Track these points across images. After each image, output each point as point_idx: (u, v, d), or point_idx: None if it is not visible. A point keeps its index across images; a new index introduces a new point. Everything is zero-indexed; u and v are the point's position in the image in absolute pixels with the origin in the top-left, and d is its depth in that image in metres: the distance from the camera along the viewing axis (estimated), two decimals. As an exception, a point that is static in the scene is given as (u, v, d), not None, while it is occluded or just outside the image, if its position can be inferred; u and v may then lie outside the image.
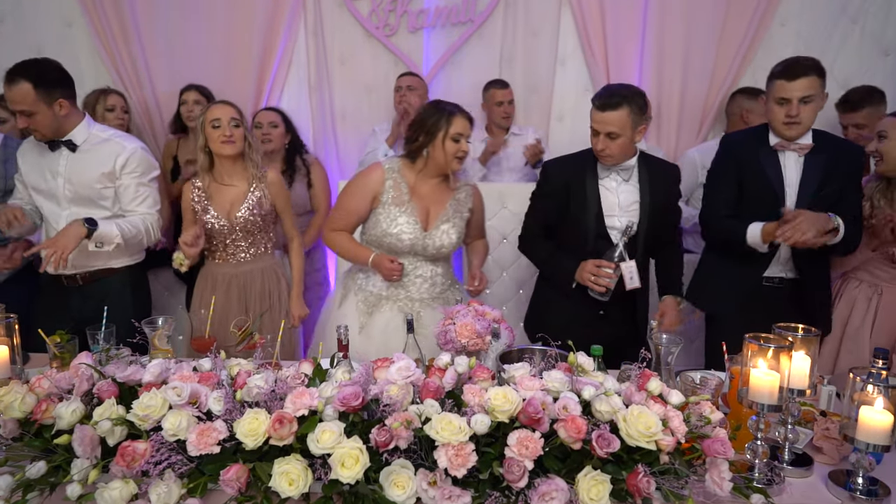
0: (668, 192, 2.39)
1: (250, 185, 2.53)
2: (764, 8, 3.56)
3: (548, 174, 2.46)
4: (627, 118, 2.18)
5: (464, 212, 2.38)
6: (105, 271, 2.54)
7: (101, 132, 2.50)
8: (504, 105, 3.60)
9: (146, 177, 2.51)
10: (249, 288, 2.59)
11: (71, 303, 2.52)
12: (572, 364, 1.52)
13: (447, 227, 2.32)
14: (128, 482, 1.29)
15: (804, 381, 1.54)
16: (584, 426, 1.29)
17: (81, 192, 2.45)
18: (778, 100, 2.25)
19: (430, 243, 2.30)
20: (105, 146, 2.45)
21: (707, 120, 3.72)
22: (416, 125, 2.28)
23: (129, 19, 3.74)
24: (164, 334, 1.88)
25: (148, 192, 2.52)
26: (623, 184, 2.34)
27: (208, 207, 2.51)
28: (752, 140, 2.40)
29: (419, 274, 2.35)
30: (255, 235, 2.57)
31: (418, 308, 2.35)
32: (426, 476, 1.28)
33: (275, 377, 1.46)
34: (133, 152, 2.47)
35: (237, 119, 2.47)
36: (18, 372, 1.63)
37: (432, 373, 1.50)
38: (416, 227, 2.27)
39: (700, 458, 1.36)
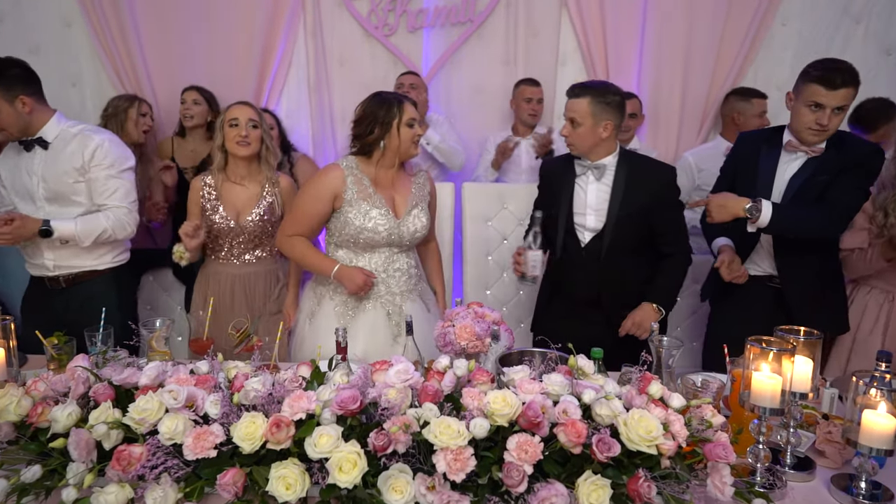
0: (653, 195, 2.28)
1: (263, 188, 2.52)
2: (765, 7, 3.56)
3: (541, 173, 2.52)
4: (587, 107, 2.21)
5: (425, 195, 2.39)
6: (89, 273, 2.52)
7: (72, 127, 2.45)
8: (533, 102, 3.61)
9: (116, 168, 2.45)
10: (252, 289, 2.57)
11: (55, 305, 2.50)
12: (572, 367, 1.50)
13: (417, 212, 2.33)
14: (124, 486, 1.28)
15: (807, 385, 1.53)
16: (584, 430, 1.28)
17: (56, 189, 2.42)
18: (811, 104, 2.14)
19: (406, 230, 2.29)
20: (74, 140, 2.42)
21: (707, 121, 3.72)
22: (365, 120, 2.23)
23: (129, 20, 3.73)
24: (162, 336, 1.87)
25: (118, 184, 2.46)
26: (594, 182, 2.33)
27: (218, 207, 2.49)
28: (761, 139, 2.36)
29: (397, 267, 2.34)
30: (261, 239, 2.56)
31: (400, 302, 2.34)
32: (425, 480, 1.26)
33: (272, 380, 1.45)
34: (100, 144, 2.42)
35: (255, 121, 2.46)
36: (15, 374, 1.61)
37: (431, 376, 1.48)
38: (389, 216, 2.26)
39: (701, 463, 1.35)
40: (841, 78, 2.09)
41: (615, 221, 2.29)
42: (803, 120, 2.18)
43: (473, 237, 3.21)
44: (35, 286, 2.59)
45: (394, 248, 2.33)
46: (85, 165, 2.41)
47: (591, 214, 2.34)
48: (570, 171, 2.37)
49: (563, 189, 2.37)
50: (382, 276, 2.31)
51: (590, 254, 2.35)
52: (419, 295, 2.41)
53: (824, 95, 2.11)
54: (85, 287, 2.52)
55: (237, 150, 2.44)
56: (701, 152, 3.40)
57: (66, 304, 2.49)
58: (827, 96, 2.11)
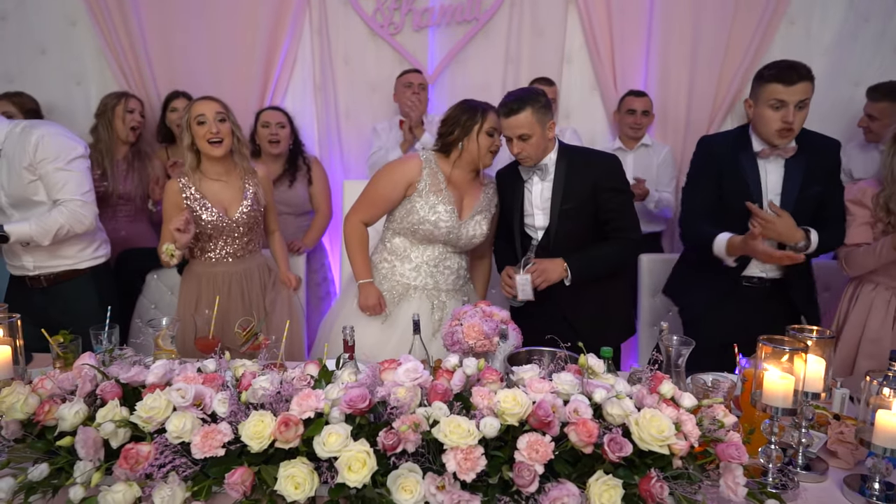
0: (593, 184, 2.30)
1: (243, 180, 2.49)
2: (773, 6, 3.53)
3: (496, 183, 2.52)
4: (531, 117, 2.22)
5: (492, 207, 2.46)
6: (69, 273, 2.50)
7: (15, 126, 2.38)
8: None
9: (62, 160, 2.35)
10: (248, 285, 2.56)
11: (35, 304, 2.48)
12: (582, 366, 1.49)
13: (479, 219, 2.39)
14: (131, 485, 1.27)
15: (819, 385, 1.51)
16: (595, 430, 1.27)
17: (16, 193, 2.37)
18: (772, 103, 2.16)
19: (464, 232, 2.36)
20: (16, 139, 2.34)
21: (715, 120, 3.69)
22: (450, 121, 2.34)
23: (134, 18, 3.73)
24: (168, 335, 1.86)
25: (68, 176, 2.36)
26: (539, 182, 2.36)
27: (206, 204, 2.42)
28: (731, 143, 2.34)
29: (448, 265, 2.42)
30: (253, 231, 2.55)
31: (444, 298, 2.42)
32: (434, 480, 1.25)
33: (280, 378, 1.44)
34: (41, 138, 2.32)
35: (222, 113, 2.38)
36: (21, 372, 1.61)
37: (440, 375, 1.47)
38: (453, 215, 2.33)
39: (713, 463, 1.34)
40: (797, 73, 2.14)
41: (559, 215, 2.33)
42: (769, 122, 2.19)
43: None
44: (15, 286, 2.56)
45: (448, 248, 2.40)
46: (32, 163, 2.32)
47: (539, 213, 2.38)
48: (517, 177, 2.41)
49: (514, 195, 2.41)
50: (432, 269, 2.40)
51: (542, 251, 2.36)
52: (465, 296, 2.49)
53: (784, 92, 2.14)
54: (66, 286, 2.50)
55: (210, 150, 2.37)
56: None
57: (48, 303, 2.47)
58: (787, 92, 2.14)
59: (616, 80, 3.75)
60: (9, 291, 2.61)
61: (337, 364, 1.65)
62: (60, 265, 2.48)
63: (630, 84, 3.68)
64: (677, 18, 3.64)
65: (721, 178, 2.32)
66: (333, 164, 3.92)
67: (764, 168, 2.28)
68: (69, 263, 2.49)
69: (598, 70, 3.78)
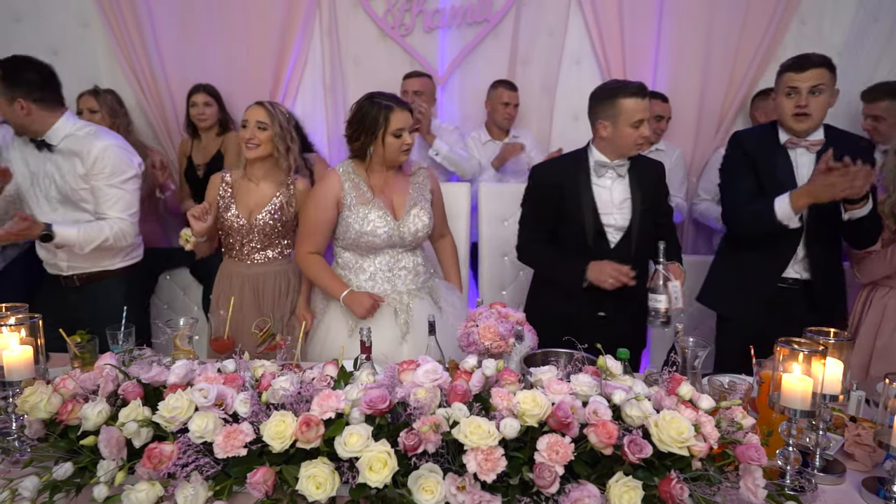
0: (657, 188, 2.40)
1: (277, 188, 2.52)
2: (784, 6, 3.52)
3: (539, 177, 2.43)
4: None
5: (426, 194, 2.40)
6: (102, 273, 2.53)
7: (80, 130, 2.41)
8: (510, 107, 3.62)
9: (116, 178, 2.39)
10: (261, 290, 2.57)
11: (68, 303, 2.51)
12: (601, 368, 1.49)
13: (417, 211, 2.34)
14: (154, 484, 1.29)
15: (837, 387, 1.52)
16: (615, 431, 1.27)
17: (65, 192, 2.41)
18: (786, 90, 2.26)
19: (406, 230, 2.31)
20: (79, 144, 2.38)
21: (726, 120, 3.69)
22: (354, 123, 2.26)
23: (146, 19, 3.74)
24: (186, 335, 1.88)
25: (119, 194, 2.41)
26: (617, 180, 2.34)
27: (231, 204, 2.50)
28: (761, 137, 2.39)
29: (402, 266, 2.38)
30: (271, 239, 2.55)
31: (407, 300, 2.36)
32: (455, 480, 1.26)
33: (300, 379, 1.45)
34: (103, 151, 2.36)
35: (263, 122, 2.43)
36: (42, 372, 1.62)
37: (458, 375, 1.48)
38: (387, 218, 2.29)
39: (732, 465, 1.34)
40: (808, 60, 2.23)
41: (640, 214, 2.32)
42: (785, 109, 2.28)
43: (489, 237, 3.20)
44: (50, 285, 2.60)
45: (398, 249, 2.36)
46: (88, 172, 2.37)
47: (616, 213, 2.34)
48: (581, 173, 2.34)
49: (580, 193, 2.33)
50: (388, 275, 2.35)
51: (620, 251, 2.34)
52: (428, 293, 2.42)
53: (795, 79, 2.24)
54: (97, 286, 2.53)
55: (246, 151, 2.46)
56: None
57: (79, 303, 2.50)
58: (798, 78, 2.23)
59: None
60: (43, 290, 2.64)
61: (354, 365, 1.66)
62: (94, 266, 2.51)
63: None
64: (688, 19, 3.64)
65: (758, 171, 2.36)
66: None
67: (795, 161, 2.31)
68: (102, 264, 2.52)
69: (606, 71, 3.78)
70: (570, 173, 2.35)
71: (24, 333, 1.58)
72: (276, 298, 2.60)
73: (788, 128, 2.30)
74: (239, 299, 2.53)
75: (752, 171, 2.36)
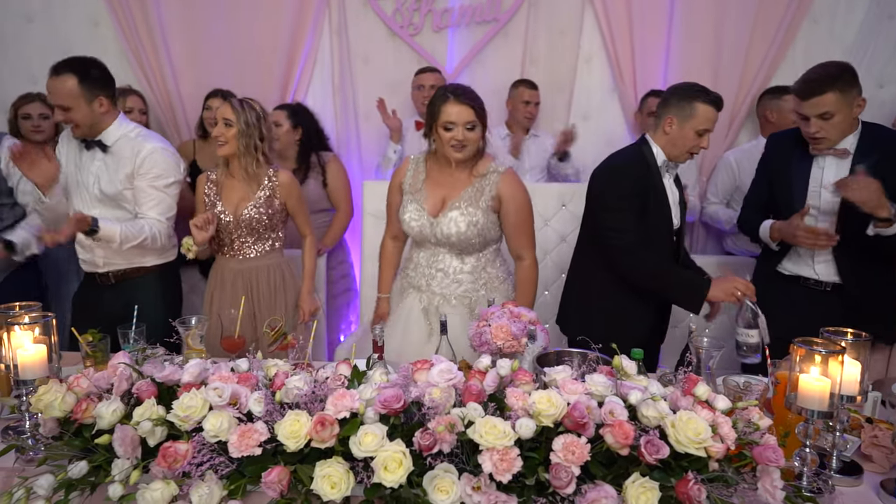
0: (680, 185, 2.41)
1: (259, 182, 2.53)
2: (796, 4, 3.50)
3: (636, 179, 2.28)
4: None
5: (483, 199, 2.21)
6: (137, 270, 2.55)
7: (130, 131, 2.47)
8: (530, 105, 3.60)
9: (161, 181, 2.44)
10: (254, 284, 2.59)
11: (103, 300, 2.54)
12: (616, 368, 1.49)
13: (455, 215, 2.20)
14: (169, 483, 1.28)
15: (855, 388, 1.50)
16: (631, 432, 1.26)
17: (109, 191, 2.45)
18: (797, 115, 2.23)
19: (439, 231, 2.22)
20: (128, 145, 2.44)
21: (736, 121, 3.67)
22: (427, 111, 2.26)
23: (155, 19, 3.76)
24: (198, 334, 1.88)
25: (161, 197, 2.46)
26: (670, 181, 2.33)
27: (216, 201, 2.53)
28: (791, 142, 2.36)
29: (440, 268, 2.29)
30: (260, 233, 2.57)
31: (438, 303, 2.29)
32: (470, 481, 1.25)
33: (313, 378, 1.44)
34: (151, 153, 2.42)
35: (229, 120, 2.45)
36: (56, 370, 1.62)
37: (472, 375, 1.47)
38: (422, 213, 2.25)
39: (748, 466, 1.33)
40: (812, 86, 2.15)
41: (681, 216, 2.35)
42: (802, 131, 2.26)
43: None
44: (87, 283, 2.63)
45: (440, 248, 2.28)
46: (134, 172, 2.42)
47: (674, 214, 2.32)
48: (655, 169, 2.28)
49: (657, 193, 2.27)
50: (425, 272, 2.33)
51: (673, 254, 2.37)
52: (468, 305, 2.27)
53: (801, 106, 2.19)
54: (132, 283, 2.54)
55: (216, 148, 2.50)
56: (741, 152, 3.38)
57: (115, 300, 2.50)
58: (804, 106, 2.18)
59: (636, 80, 3.73)
60: (81, 289, 2.68)
61: (367, 364, 1.66)
62: (129, 263, 2.53)
63: (650, 84, 3.66)
64: (698, 17, 3.62)
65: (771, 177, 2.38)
66: (352, 165, 3.93)
67: (823, 167, 2.29)
68: (138, 261, 2.54)
69: (617, 70, 3.77)
70: (653, 172, 2.26)
71: (37, 332, 1.58)
72: (271, 293, 2.61)
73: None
74: (233, 295, 2.55)
75: (766, 180, 2.41)
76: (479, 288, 2.30)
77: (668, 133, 2.22)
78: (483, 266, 2.31)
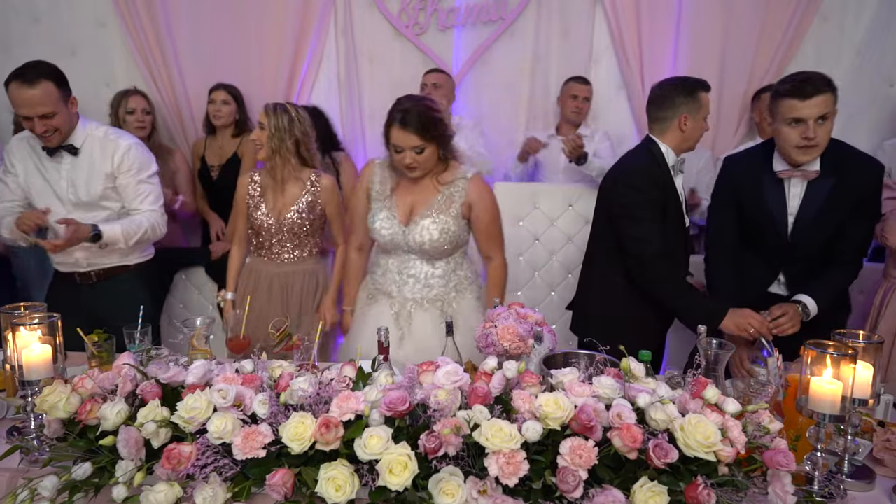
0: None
1: (302, 187, 2.53)
2: (806, 3, 3.47)
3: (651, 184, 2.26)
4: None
5: (454, 206, 2.20)
6: (119, 268, 2.55)
7: (95, 130, 2.44)
8: (578, 100, 3.56)
9: (144, 173, 2.47)
10: (290, 289, 2.60)
11: (83, 300, 2.52)
12: (624, 370, 1.47)
13: (427, 223, 2.19)
14: (173, 485, 1.28)
15: (866, 391, 1.48)
16: (639, 435, 1.24)
17: (85, 194, 2.42)
18: (789, 121, 2.05)
19: (412, 239, 2.20)
20: (101, 145, 2.41)
21: (744, 121, 3.63)
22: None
23: (162, 19, 3.77)
24: (203, 335, 1.87)
25: (149, 188, 2.50)
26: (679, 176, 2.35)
27: (260, 204, 2.54)
28: (752, 162, 2.26)
29: (411, 274, 2.28)
30: (300, 238, 2.57)
31: (410, 307, 2.28)
32: (476, 484, 1.24)
33: (318, 380, 1.43)
34: (127, 149, 2.43)
35: (262, 123, 2.48)
36: (61, 371, 1.62)
37: (478, 377, 1.46)
38: (393, 222, 2.23)
39: (759, 470, 1.31)
40: (814, 85, 2.02)
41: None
42: (788, 139, 2.08)
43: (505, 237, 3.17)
44: (62, 282, 2.59)
45: (409, 255, 2.27)
46: (114, 171, 2.41)
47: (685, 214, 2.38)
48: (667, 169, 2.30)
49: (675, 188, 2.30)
50: (396, 278, 2.30)
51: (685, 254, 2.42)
52: (441, 308, 2.28)
53: (799, 108, 2.02)
54: (114, 282, 2.54)
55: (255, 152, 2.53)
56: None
57: (95, 299, 2.51)
58: (802, 107, 2.01)
59: (643, 79, 3.71)
60: (53, 288, 2.64)
61: (372, 366, 1.65)
62: (112, 261, 2.53)
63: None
64: (707, 16, 3.60)
65: (742, 200, 2.26)
66: (358, 164, 3.92)
67: (788, 190, 2.19)
68: (118, 260, 2.55)
69: (625, 70, 3.75)
70: (665, 172, 2.25)
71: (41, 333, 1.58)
72: (303, 297, 2.62)
73: (791, 158, 2.12)
74: (267, 297, 2.56)
75: (733, 203, 2.28)
76: (450, 290, 2.31)
77: (684, 130, 2.24)
78: (453, 269, 2.32)
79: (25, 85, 2.22)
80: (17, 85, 2.23)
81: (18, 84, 2.22)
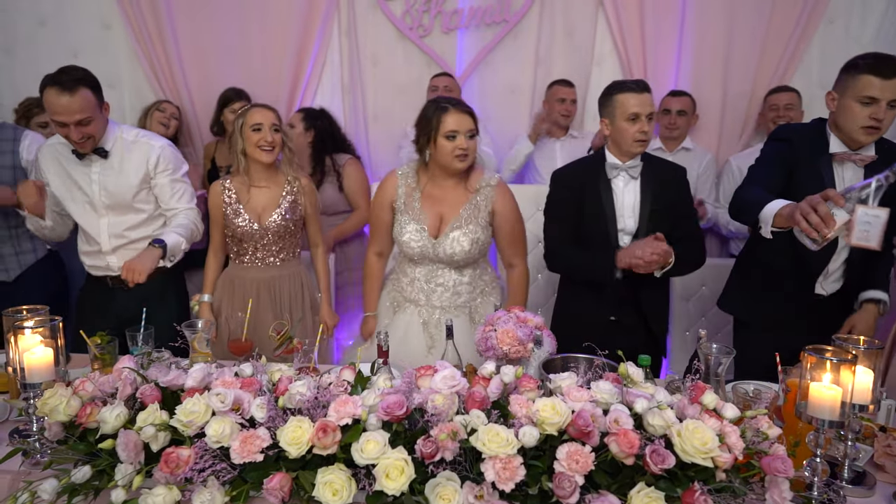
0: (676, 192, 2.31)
1: (283, 188, 2.51)
2: (812, 4, 3.45)
3: (561, 181, 2.36)
4: None
5: (482, 216, 2.23)
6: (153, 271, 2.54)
7: (126, 133, 2.45)
8: (566, 103, 3.57)
9: (178, 173, 2.50)
10: (277, 292, 2.57)
11: (115, 303, 2.53)
12: (622, 375, 1.47)
13: (457, 235, 2.21)
14: (171, 489, 1.28)
15: (867, 396, 1.47)
16: (637, 441, 1.24)
17: (119, 198, 2.43)
18: (863, 98, 1.95)
19: (442, 251, 2.22)
20: (134, 148, 2.42)
21: (749, 123, 3.62)
22: (418, 124, 2.23)
23: (166, 21, 3.78)
24: (204, 337, 1.88)
25: (184, 187, 2.52)
26: (630, 182, 2.28)
27: (239, 210, 2.48)
28: (812, 138, 2.14)
29: (440, 283, 2.30)
30: (285, 240, 2.55)
31: (439, 315, 2.29)
32: (472, 489, 1.24)
33: (317, 384, 1.44)
34: (162, 150, 2.44)
35: (277, 125, 2.45)
36: (62, 373, 1.63)
37: (476, 381, 1.46)
38: (423, 234, 2.23)
39: (757, 476, 1.30)
40: (894, 67, 1.94)
41: (648, 218, 2.25)
42: (856, 118, 1.98)
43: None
44: (94, 285, 2.59)
45: (437, 264, 2.28)
46: (150, 173, 2.43)
47: (629, 217, 2.28)
48: (596, 177, 2.27)
49: (598, 196, 2.27)
50: (424, 287, 2.31)
51: None
52: (468, 312, 2.31)
53: (879, 87, 1.93)
54: (146, 285, 2.51)
55: (261, 155, 2.42)
56: (746, 157, 3.33)
57: (128, 301, 2.49)
58: (882, 87, 1.93)
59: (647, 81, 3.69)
60: (87, 290, 2.64)
61: (372, 370, 1.65)
62: None
63: (661, 86, 3.63)
64: (711, 18, 3.59)
65: (794, 173, 2.13)
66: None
67: (840, 174, 2.11)
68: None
69: (628, 72, 3.73)
70: (591, 175, 2.30)
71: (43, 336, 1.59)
72: (291, 300, 2.59)
73: (853, 136, 2.03)
74: (255, 303, 2.53)
75: (785, 172, 2.14)
76: (476, 296, 2.34)
77: (608, 135, 2.26)
78: (479, 275, 2.35)
79: (65, 92, 2.15)
80: (56, 92, 2.16)
81: (57, 91, 2.16)
